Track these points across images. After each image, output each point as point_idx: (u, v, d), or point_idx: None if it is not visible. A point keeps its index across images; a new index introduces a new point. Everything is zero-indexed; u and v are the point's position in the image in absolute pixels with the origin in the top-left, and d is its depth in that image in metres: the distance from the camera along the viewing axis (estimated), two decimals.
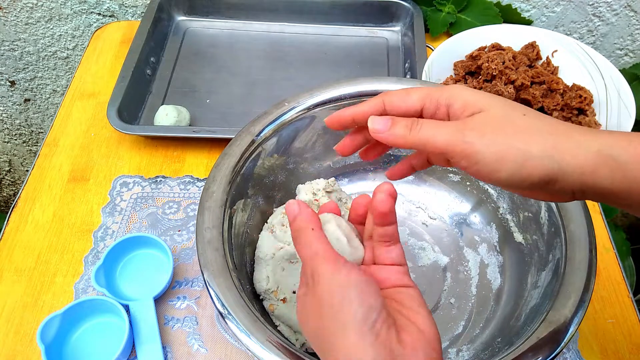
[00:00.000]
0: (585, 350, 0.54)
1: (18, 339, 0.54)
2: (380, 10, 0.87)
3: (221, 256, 0.44)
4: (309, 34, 0.87)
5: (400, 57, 0.84)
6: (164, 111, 0.69)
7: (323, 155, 0.61)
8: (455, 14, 0.84)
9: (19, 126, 1.15)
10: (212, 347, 0.53)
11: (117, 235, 0.61)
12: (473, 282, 0.56)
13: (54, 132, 0.72)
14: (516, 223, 0.55)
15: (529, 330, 0.42)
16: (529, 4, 0.88)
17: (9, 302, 0.56)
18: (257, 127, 0.53)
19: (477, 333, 0.52)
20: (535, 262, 0.50)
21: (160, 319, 0.55)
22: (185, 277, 0.58)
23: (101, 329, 0.53)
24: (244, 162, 0.51)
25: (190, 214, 0.64)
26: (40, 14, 0.93)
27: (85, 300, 0.52)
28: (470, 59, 0.74)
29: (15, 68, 1.03)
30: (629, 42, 0.91)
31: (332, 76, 0.81)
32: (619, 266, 0.60)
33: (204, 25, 0.88)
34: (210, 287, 0.42)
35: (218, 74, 0.81)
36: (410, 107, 0.35)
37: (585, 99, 0.69)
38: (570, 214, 0.47)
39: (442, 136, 0.31)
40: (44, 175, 0.67)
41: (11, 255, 0.60)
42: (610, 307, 0.57)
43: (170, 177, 0.67)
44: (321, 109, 0.56)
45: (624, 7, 0.86)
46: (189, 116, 0.71)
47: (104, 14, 0.94)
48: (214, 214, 0.47)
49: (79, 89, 0.78)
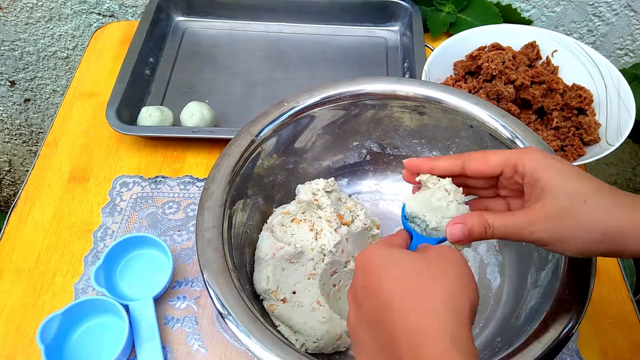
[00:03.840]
0: (585, 350, 0.54)
1: (18, 339, 0.54)
2: (379, 10, 0.87)
3: (221, 256, 0.44)
4: (307, 33, 0.87)
5: (399, 57, 0.84)
6: (147, 112, 0.69)
7: (323, 155, 0.61)
8: (455, 14, 0.84)
9: (19, 126, 1.15)
10: (212, 347, 0.53)
11: (117, 235, 0.61)
12: None
13: (54, 132, 0.72)
14: None
15: (528, 329, 0.42)
16: (529, 4, 0.88)
17: (9, 302, 0.56)
18: (257, 127, 0.53)
19: (477, 333, 0.52)
20: (535, 262, 0.50)
21: (160, 319, 0.55)
22: (185, 277, 0.58)
23: (101, 329, 0.53)
24: (244, 162, 0.51)
25: (190, 214, 0.64)
26: (40, 14, 0.93)
27: (85, 300, 0.52)
28: (470, 59, 0.74)
29: (15, 68, 1.03)
30: (629, 42, 0.91)
31: (331, 76, 0.81)
32: (619, 266, 0.60)
33: (202, 26, 0.88)
34: (210, 287, 0.42)
35: (217, 74, 0.81)
36: (490, 173, 0.38)
37: (585, 98, 0.69)
38: None
39: (513, 226, 0.35)
40: (44, 175, 0.67)
41: (11, 255, 0.60)
42: (610, 307, 0.57)
43: (170, 177, 0.67)
44: (320, 108, 0.56)
45: (624, 7, 0.86)
46: (172, 116, 0.71)
47: (104, 14, 0.94)
48: (214, 214, 0.47)
49: (79, 89, 0.78)
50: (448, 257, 0.33)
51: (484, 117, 0.54)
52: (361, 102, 0.57)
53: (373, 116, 0.59)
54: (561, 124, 0.68)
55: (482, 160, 0.38)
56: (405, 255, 0.33)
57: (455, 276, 0.31)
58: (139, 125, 0.70)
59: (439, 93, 0.56)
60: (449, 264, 0.32)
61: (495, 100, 0.68)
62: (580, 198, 0.34)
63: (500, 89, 0.67)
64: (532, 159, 0.37)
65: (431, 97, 0.56)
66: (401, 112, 0.58)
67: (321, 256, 0.51)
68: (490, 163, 0.38)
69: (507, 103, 0.68)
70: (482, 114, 0.54)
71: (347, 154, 0.62)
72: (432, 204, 0.39)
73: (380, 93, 0.57)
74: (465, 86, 0.71)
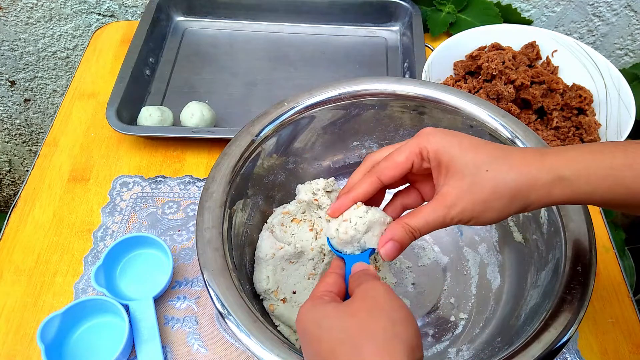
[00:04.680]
0: (585, 350, 0.54)
1: (18, 339, 0.54)
2: (379, 10, 0.87)
3: (221, 256, 0.44)
4: (307, 33, 0.87)
5: (399, 57, 0.84)
6: (147, 112, 0.69)
7: (322, 155, 0.61)
8: (455, 14, 0.84)
9: (19, 126, 1.15)
10: (212, 347, 0.53)
11: (117, 235, 0.61)
12: (473, 281, 0.56)
13: (54, 132, 0.72)
14: (516, 223, 0.55)
15: (529, 329, 0.42)
16: (529, 4, 0.88)
17: (9, 302, 0.56)
18: (257, 127, 0.53)
19: (477, 332, 0.52)
20: (535, 262, 0.50)
21: (160, 319, 0.55)
22: (185, 277, 0.58)
23: (101, 329, 0.53)
24: (244, 162, 0.51)
25: (190, 214, 0.64)
26: (40, 14, 0.93)
27: (85, 300, 0.52)
28: (470, 59, 0.74)
29: (15, 68, 1.03)
30: (629, 42, 0.91)
31: (331, 76, 0.81)
32: (619, 266, 0.60)
33: (202, 26, 0.88)
34: (210, 287, 0.42)
35: (217, 74, 0.81)
36: (402, 173, 0.39)
37: (585, 98, 0.69)
38: (570, 213, 0.47)
39: (434, 221, 0.37)
40: (44, 175, 0.67)
41: (11, 255, 0.60)
42: (610, 307, 0.57)
43: (170, 177, 0.67)
44: (320, 108, 0.56)
45: (624, 7, 0.86)
46: (172, 116, 0.71)
47: (104, 14, 0.94)
48: (214, 214, 0.47)
49: (79, 89, 0.78)
50: (374, 303, 0.33)
51: (484, 117, 0.54)
52: (361, 102, 0.57)
53: (373, 116, 0.59)
54: (561, 124, 0.68)
55: (391, 166, 0.39)
56: (332, 313, 0.34)
57: (383, 320, 0.32)
58: (139, 125, 0.70)
59: (439, 93, 0.56)
60: (374, 310, 0.33)
61: (495, 100, 0.68)
62: (483, 168, 0.36)
63: (500, 89, 0.67)
64: (432, 141, 0.38)
65: (431, 97, 0.56)
66: (401, 112, 0.58)
67: (321, 256, 0.51)
68: (398, 164, 0.39)
69: (507, 103, 0.68)
70: (482, 114, 0.54)
71: (347, 154, 0.62)
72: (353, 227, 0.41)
73: (380, 93, 0.57)
74: (465, 86, 0.71)
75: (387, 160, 0.40)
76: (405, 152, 0.39)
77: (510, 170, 0.35)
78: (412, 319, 0.33)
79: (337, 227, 0.42)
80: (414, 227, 0.37)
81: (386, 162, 0.40)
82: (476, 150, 0.37)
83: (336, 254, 0.43)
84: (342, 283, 0.39)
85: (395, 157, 0.39)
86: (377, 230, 0.42)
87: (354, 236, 0.41)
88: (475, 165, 0.36)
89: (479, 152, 0.36)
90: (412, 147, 0.39)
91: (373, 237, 0.42)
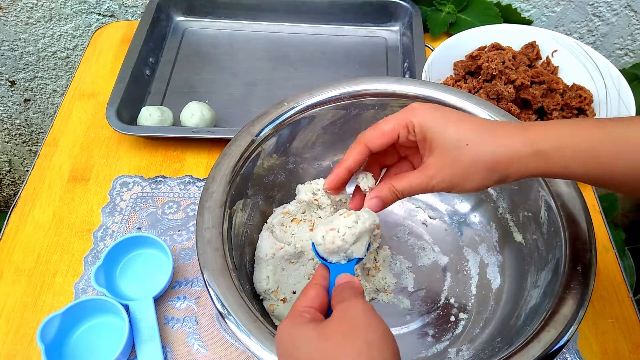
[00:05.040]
0: (585, 350, 0.54)
1: (18, 339, 0.54)
2: (379, 10, 0.87)
3: (221, 256, 0.44)
4: (307, 33, 0.87)
5: (399, 57, 0.84)
6: (147, 112, 0.69)
7: (323, 155, 0.61)
8: (455, 14, 0.84)
9: (19, 126, 1.15)
10: (212, 347, 0.53)
11: (117, 235, 0.61)
12: (473, 281, 0.56)
13: (54, 132, 0.72)
14: (516, 223, 0.55)
15: (528, 329, 0.42)
16: (529, 4, 0.88)
17: (9, 302, 0.56)
18: (257, 127, 0.53)
19: (477, 332, 0.52)
20: (535, 262, 0.50)
21: (160, 319, 0.55)
22: (185, 277, 0.58)
23: (101, 329, 0.53)
24: (244, 162, 0.51)
25: (190, 214, 0.64)
26: (40, 14, 0.93)
27: (85, 300, 0.52)
28: (470, 59, 0.74)
29: (15, 68, 1.03)
30: (629, 42, 0.91)
31: (331, 76, 0.81)
32: (619, 266, 0.60)
33: (202, 26, 0.88)
34: (210, 287, 0.42)
35: (217, 74, 0.81)
36: (389, 141, 0.41)
37: (585, 98, 0.69)
38: (570, 213, 0.47)
39: (417, 185, 0.40)
40: (44, 175, 0.67)
41: (11, 255, 0.60)
42: (610, 307, 0.57)
43: (170, 177, 0.67)
44: (320, 108, 0.56)
45: (624, 7, 0.86)
46: (172, 116, 0.71)
47: (104, 14, 0.94)
48: (214, 214, 0.47)
49: (79, 89, 0.78)
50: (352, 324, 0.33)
51: (484, 117, 0.54)
52: (361, 102, 0.57)
53: (373, 116, 0.59)
54: None
55: (379, 135, 0.41)
56: (310, 334, 0.33)
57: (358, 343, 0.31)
58: (139, 125, 0.70)
59: (439, 93, 0.56)
60: (350, 333, 0.32)
61: (495, 100, 0.68)
62: (463, 142, 0.38)
63: (500, 89, 0.67)
64: (419, 115, 0.40)
65: (431, 97, 0.56)
66: None
67: None
68: (385, 132, 0.41)
69: (507, 103, 0.68)
70: (482, 114, 0.54)
71: None
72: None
73: (380, 93, 0.57)
74: (465, 86, 0.71)
75: (374, 129, 0.42)
76: (392, 121, 0.41)
77: (492, 144, 0.37)
78: (391, 339, 0.33)
79: (323, 235, 0.41)
80: (398, 189, 0.41)
81: (373, 130, 0.42)
82: (459, 124, 0.38)
83: (321, 261, 0.42)
84: (325, 296, 0.38)
85: (382, 125, 0.41)
86: (365, 240, 0.41)
87: (341, 247, 0.40)
88: (457, 139, 0.38)
89: (462, 126, 0.38)
90: (399, 118, 0.41)
91: (361, 247, 0.41)
